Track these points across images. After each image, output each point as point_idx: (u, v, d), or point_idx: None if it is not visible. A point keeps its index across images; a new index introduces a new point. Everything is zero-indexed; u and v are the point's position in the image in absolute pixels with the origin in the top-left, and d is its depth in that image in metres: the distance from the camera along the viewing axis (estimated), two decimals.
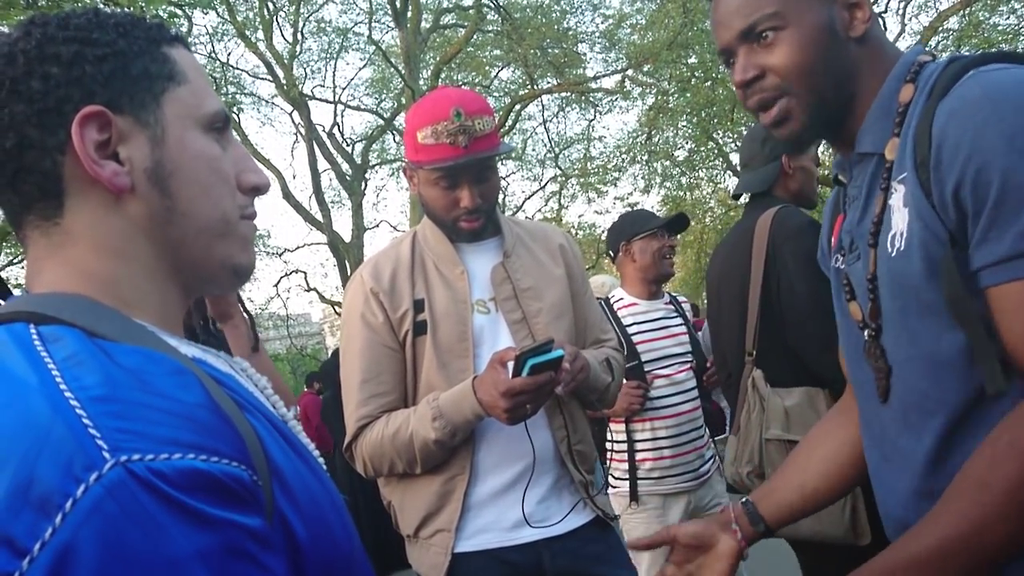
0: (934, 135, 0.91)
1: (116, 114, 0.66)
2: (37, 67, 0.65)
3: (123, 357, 0.59)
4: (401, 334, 1.67)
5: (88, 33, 0.67)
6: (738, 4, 1.04)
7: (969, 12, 13.56)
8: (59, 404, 0.54)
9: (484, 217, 1.68)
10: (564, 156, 18.63)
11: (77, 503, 0.49)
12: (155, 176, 0.68)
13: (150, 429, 0.54)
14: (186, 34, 11.87)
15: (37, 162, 0.65)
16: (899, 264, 0.96)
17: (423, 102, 1.67)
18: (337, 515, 0.69)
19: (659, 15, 13.96)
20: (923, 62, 1.02)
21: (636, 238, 2.87)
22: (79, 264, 0.67)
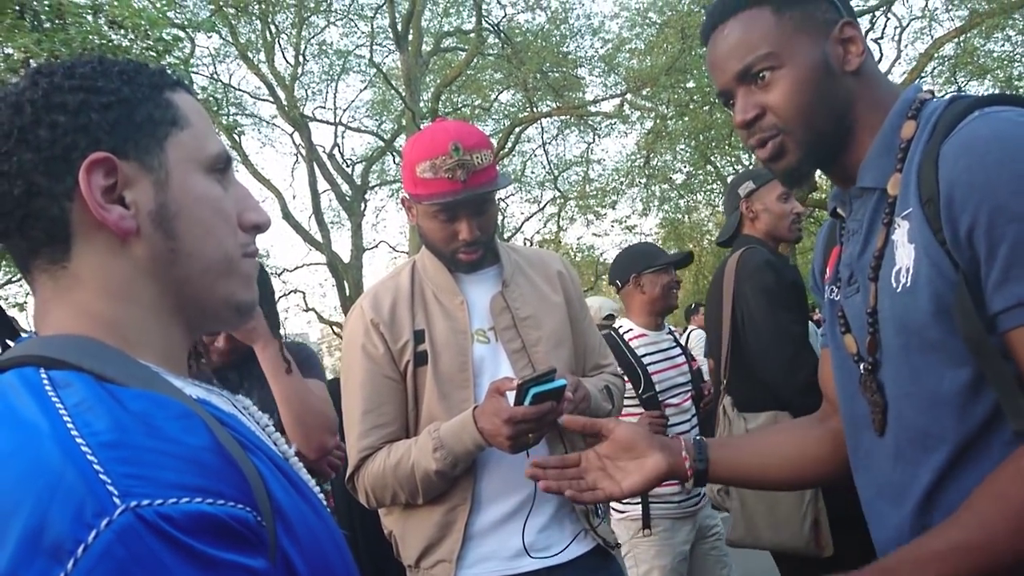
0: (941, 173, 0.92)
1: (121, 159, 0.68)
2: (44, 116, 0.67)
3: (131, 402, 0.60)
4: (402, 365, 1.67)
5: (93, 81, 0.69)
6: (733, 46, 1.06)
7: (964, 39, 13.70)
8: (71, 450, 0.55)
9: (483, 248, 1.69)
10: (563, 178, 18.74)
11: (88, 549, 0.51)
12: (159, 219, 0.70)
13: (158, 474, 0.55)
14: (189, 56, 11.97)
15: (45, 208, 0.67)
16: (904, 300, 0.96)
17: (421, 136, 1.68)
18: (337, 551, 0.70)
19: (658, 40, 14.11)
20: (924, 99, 1.03)
21: (647, 271, 2.98)
22: (85, 306, 0.68)
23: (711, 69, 1.11)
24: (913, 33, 16.04)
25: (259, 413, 0.79)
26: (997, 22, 12.86)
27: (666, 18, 14.23)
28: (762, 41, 1.03)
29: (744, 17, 1.05)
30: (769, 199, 2.54)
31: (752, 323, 2.34)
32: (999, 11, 12.41)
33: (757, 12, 1.04)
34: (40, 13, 6.64)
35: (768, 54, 1.03)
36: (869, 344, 1.03)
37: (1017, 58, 13.88)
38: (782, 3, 1.03)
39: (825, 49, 1.03)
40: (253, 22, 15.55)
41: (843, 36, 1.04)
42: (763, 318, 2.30)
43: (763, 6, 1.04)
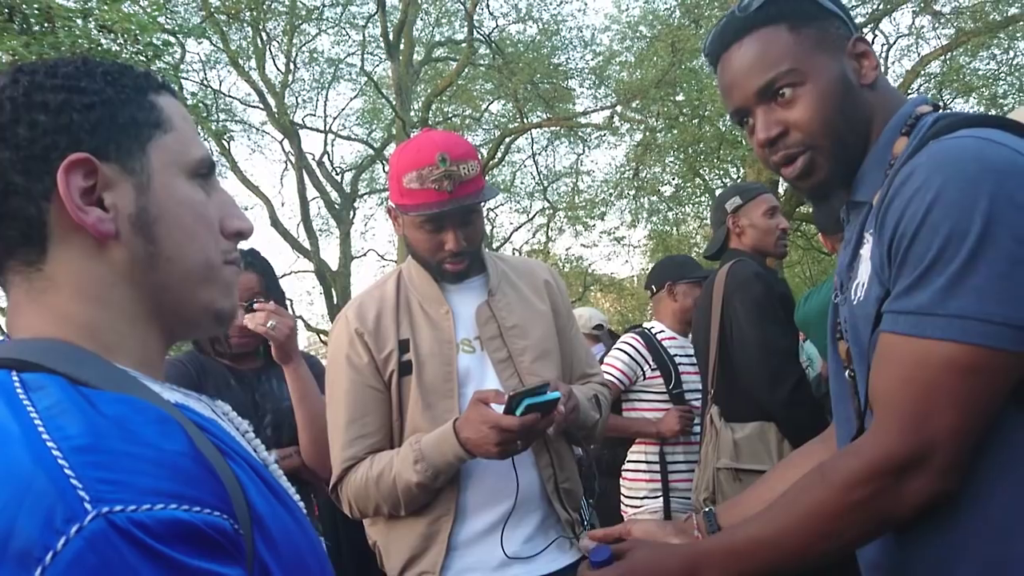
0: (891, 192, 0.94)
1: (102, 161, 0.67)
2: (24, 114, 0.65)
3: (106, 406, 0.59)
4: (386, 375, 1.67)
5: (76, 81, 0.68)
6: (752, 63, 1.04)
7: (950, 57, 13.85)
8: (41, 454, 0.54)
9: (469, 259, 1.69)
10: (552, 189, 18.74)
11: (57, 556, 0.49)
12: (139, 222, 0.69)
13: (132, 479, 0.54)
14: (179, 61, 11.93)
15: (22, 208, 0.65)
16: (856, 313, 1.00)
17: (408, 146, 1.68)
18: (316, 560, 0.69)
19: (648, 54, 14.17)
20: (920, 114, 1.04)
21: (681, 282, 3.11)
22: (60, 310, 0.67)
23: (725, 88, 1.09)
24: (900, 50, 16.25)
25: (239, 419, 0.78)
26: (982, 40, 13.01)
27: (656, 32, 14.30)
28: (783, 57, 1.02)
29: (761, 35, 1.04)
30: (755, 214, 2.56)
31: (740, 334, 2.36)
32: (984, 30, 12.55)
33: (774, 30, 1.03)
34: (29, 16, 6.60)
35: (791, 70, 1.02)
36: (846, 352, 1.06)
37: (1002, 76, 14.04)
38: (798, 20, 1.03)
39: (842, 64, 1.03)
40: (244, 29, 15.53)
41: (857, 51, 1.05)
42: (750, 330, 2.33)
43: (779, 24, 1.04)
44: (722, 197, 2.71)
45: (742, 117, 1.09)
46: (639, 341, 3.07)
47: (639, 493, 2.98)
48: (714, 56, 1.10)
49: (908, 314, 0.88)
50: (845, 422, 1.11)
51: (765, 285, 2.38)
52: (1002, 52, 13.98)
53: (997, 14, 12.73)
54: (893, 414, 0.90)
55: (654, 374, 3.02)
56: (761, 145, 1.06)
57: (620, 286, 20.35)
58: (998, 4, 12.71)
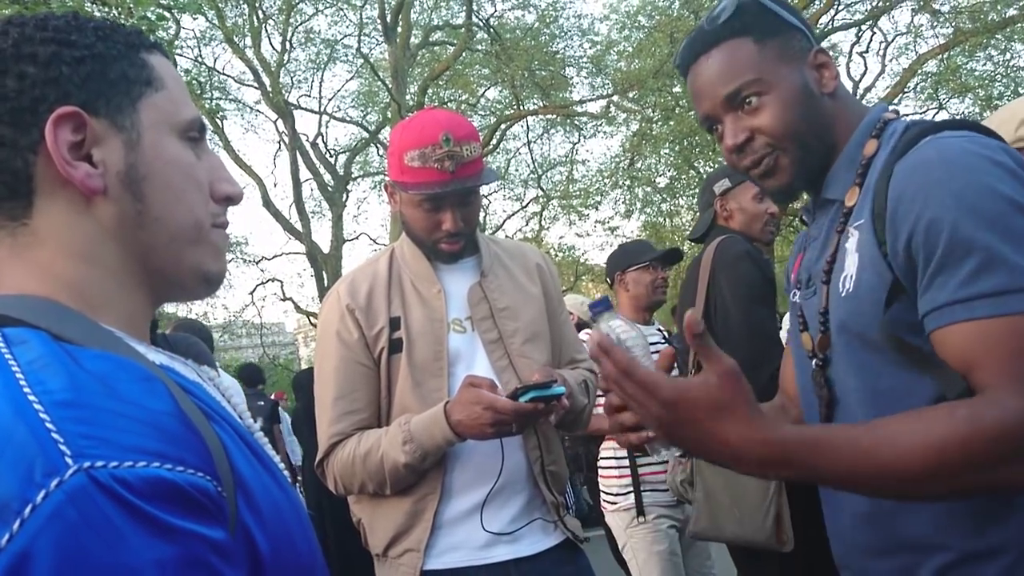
0: (891, 191, 0.99)
1: (92, 116, 0.66)
2: (13, 66, 0.64)
3: (90, 362, 0.58)
4: (376, 352, 1.66)
5: (67, 35, 0.67)
6: (718, 73, 1.11)
7: (947, 57, 13.88)
8: (22, 408, 0.53)
9: (465, 240, 1.69)
10: (547, 177, 18.73)
11: (36, 509, 0.48)
12: (128, 180, 0.68)
13: (115, 436, 0.53)
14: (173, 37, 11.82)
15: (8, 161, 0.64)
16: (848, 304, 1.04)
17: (411, 123, 1.67)
18: (301, 528, 0.68)
19: (646, 44, 14.16)
20: (888, 119, 1.11)
21: (630, 269, 3.06)
22: (45, 266, 0.66)
23: (695, 96, 1.16)
24: (898, 48, 16.27)
25: (224, 384, 0.77)
26: (980, 41, 13.05)
27: (655, 22, 14.28)
28: (748, 68, 1.09)
29: (727, 47, 1.10)
30: (744, 198, 2.52)
31: (724, 314, 2.31)
32: (982, 30, 12.59)
33: (739, 42, 1.10)
34: None
35: (755, 80, 1.08)
36: (820, 342, 1.10)
37: (998, 78, 14.08)
38: (762, 33, 1.10)
39: (803, 73, 1.10)
40: (240, 6, 15.41)
41: (817, 62, 1.12)
42: (736, 310, 2.27)
43: (744, 36, 1.10)
44: (711, 179, 2.67)
45: (711, 124, 1.15)
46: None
47: (613, 489, 2.96)
48: (684, 67, 1.17)
49: (986, 297, 0.90)
50: (810, 410, 1.15)
51: (754, 264, 2.33)
52: (999, 53, 14.03)
53: (995, 15, 12.76)
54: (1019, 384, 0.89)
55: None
56: (729, 151, 1.13)
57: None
58: (997, 5, 12.74)
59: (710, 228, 2.58)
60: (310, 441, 5.19)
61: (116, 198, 0.67)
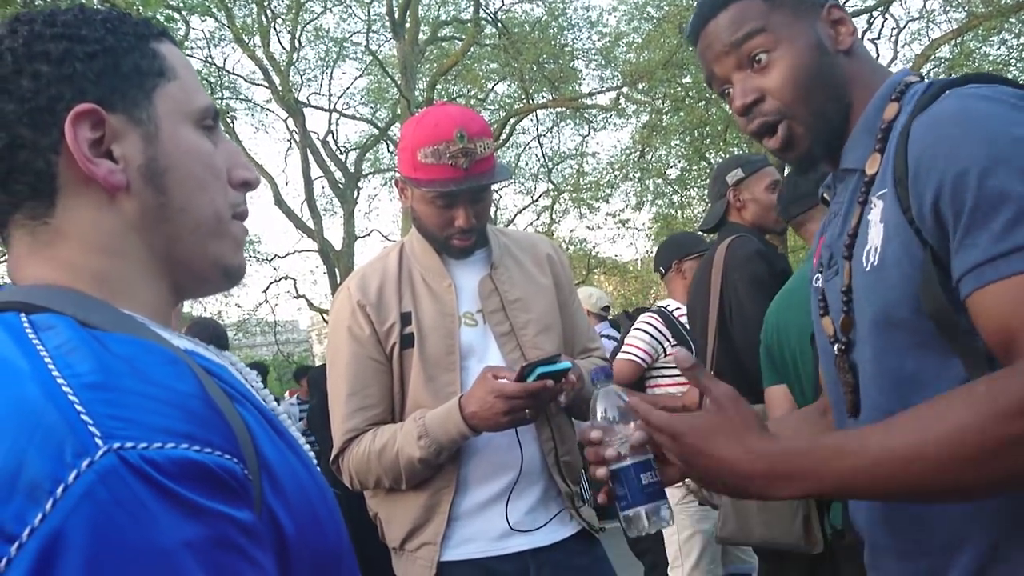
0: (910, 151, 0.92)
1: (109, 112, 0.66)
2: (26, 65, 0.64)
3: (117, 345, 0.58)
4: (388, 347, 1.66)
5: (77, 30, 0.66)
6: (726, 27, 1.05)
7: (961, 41, 13.73)
8: (52, 390, 0.53)
9: (476, 235, 1.69)
10: (557, 171, 18.69)
11: (68, 489, 0.49)
12: (149, 173, 0.68)
13: (144, 417, 0.53)
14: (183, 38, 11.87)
15: (30, 162, 0.64)
16: (871, 279, 0.96)
17: (425, 119, 1.66)
18: (327, 509, 0.68)
19: (655, 35, 14.07)
20: (909, 82, 1.03)
21: (688, 258, 3.16)
22: (67, 260, 0.66)
23: (703, 59, 1.11)
24: (910, 34, 16.05)
25: (247, 369, 0.77)
26: (994, 25, 12.89)
27: (664, 13, 14.19)
28: (755, 19, 1.03)
29: (736, 7, 1.05)
30: (758, 188, 2.51)
31: (740, 313, 2.32)
32: (996, 14, 12.43)
33: (748, 3, 1.04)
34: None
35: (761, 29, 1.02)
36: (843, 323, 1.03)
37: (1012, 62, 13.92)
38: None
39: (817, 30, 1.04)
40: (249, 5, 15.44)
41: (832, 17, 1.06)
42: (751, 308, 2.27)
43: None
44: (723, 168, 2.64)
45: (722, 87, 1.09)
46: (657, 319, 3.15)
47: None
48: (694, 35, 1.11)
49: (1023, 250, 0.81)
50: (836, 397, 1.09)
51: (767, 262, 2.33)
52: (1013, 37, 13.86)
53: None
54: None
55: (674, 350, 3.02)
56: (739, 113, 1.07)
57: (624, 269, 20.34)
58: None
59: (721, 219, 2.57)
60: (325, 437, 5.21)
61: (138, 192, 0.68)
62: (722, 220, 2.58)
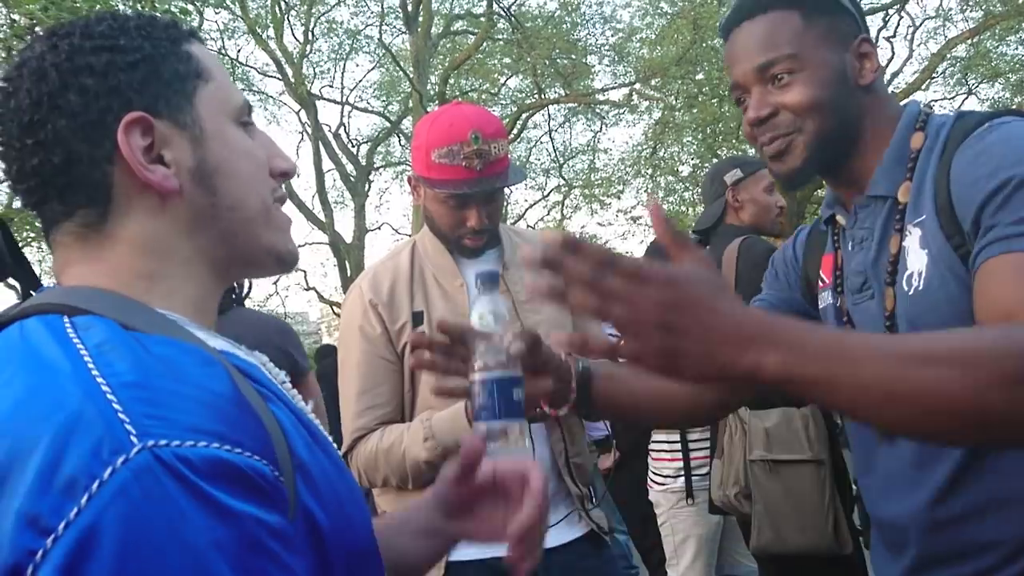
0: (953, 181, 0.96)
1: (155, 118, 0.68)
2: (72, 80, 0.65)
3: (155, 346, 0.60)
4: (399, 346, 1.67)
5: (115, 40, 0.68)
6: (758, 41, 1.07)
7: (977, 41, 13.61)
8: (90, 389, 0.54)
9: (488, 235, 1.69)
10: (568, 166, 18.66)
11: (103, 485, 0.50)
12: (199, 175, 0.70)
13: (178, 416, 0.54)
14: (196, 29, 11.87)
15: (87, 175, 0.66)
16: (917, 302, 1.00)
17: (440, 119, 1.66)
18: (358, 510, 0.69)
19: (669, 31, 14.02)
20: (928, 112, 1.08)
21: None
22: (114, 264, 0.68)
23: (730, 60, 1.12)
24: (926, 33, 15.93)
25: (276, 369, 0.78)
26: (1011, 25, 12.77)
27: (678, 9, 14.13)
28: (787, 43, 1.05)
29: (773, 17, 1.06)
30: (756, 189, 2.48)
31: None
32: (1013, 14, 12.32)
33: (787, 15, 1.06)
34: None
35: (791, 55, 1.04)
36: None
37: None
38: (811, 10, 1.06)
39: (844, 60, 1.06)
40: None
41: (861, 51, 1.08)
42: None
43: (793, 10, 1.06)
44: (719, 169, 2.61)
45: (740, 94, 1.12)
46: None
47: (664, 471, 3.01)
48: (727, 30, 1.13)
49: None
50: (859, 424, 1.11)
51: None
52: None
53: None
54: None
55: None
56: (751, 123, 1.09)
57: None
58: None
59: (718, 221, 2.54)
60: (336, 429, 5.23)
61: (190, 194, 0.69)
62: (718, 221, 2.55)
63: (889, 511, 1.10)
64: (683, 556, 2.87)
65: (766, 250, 2.32)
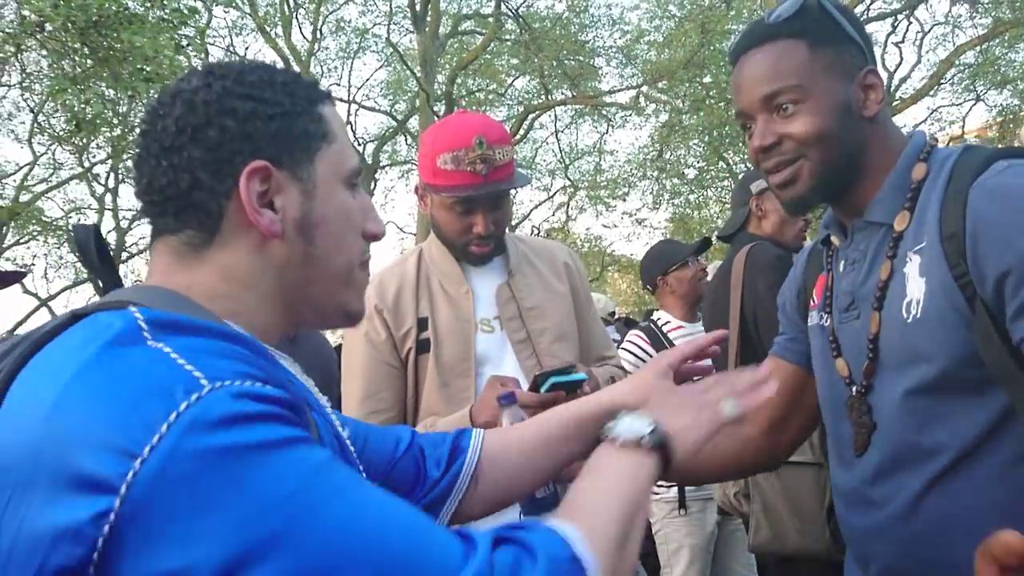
0: (969, 212, 0.97)
1: (276, 168, 0.74)
2: (216, 118, 0.73)
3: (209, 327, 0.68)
4: (403, 352, 1.68)
5: (261, 92, 0.75)
6: (763, 71, 1.09)
7: (986, 48, 13.58)
8: (159, 356, 0.62)
9: (494, 242, 1.70)
10: (574, 167, 18.66)
11: (180, 416, 0.57)
12: (302, 225, 0.76)
13: (237, 367, 0.63)
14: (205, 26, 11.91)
15: (205, 202, 0.73)
16: (914, 330, 1.01)
17: (444, 126, 1.68)
18: None
19: (677, 33, 14.01)
20: (933, 144, 1.10)
21: (671, 271, 3.13)
22: (195, 279, 0.75)
23: (736, 88, 1.14)
24: (935, 39, 15.94)
25: (308, 380, 0.84)
26: (1020, 32, 12.74)
27: (687, 12, 14.13)
28: (793, 73, 1.06)
29: (780, 46, 1.08)
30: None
31: (769, 319, 2.26)
32: (1023, 21, 12.29)
33: (793, 44, 1.07)
34: None
35: (796, 86, 1.06)
36: (867, 368, 1.08)
37: None
38: (817, 40, 1.07)
39: (849, 91, 1.07)
40: None
41: (866, 82, 1.09)
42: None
43: (799, 39, 1.07)
44: (748, 177, 2.64)
45: (745, 121, 1.14)
46: (643, 339, 3.12)
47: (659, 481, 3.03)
48: (735, 56, 1.15)
49: None
50: (840, 438, 1.14)
51: (788, 268, 2.32)
52: None
53: None
54: None
55: None
56: (755, 151, 1.11)
57: (638, 267, 20.30)
58: None
59: (740, 228, 2.56)
60: None
61: (290, 240, 0.76)
62: (741, 228, 2.57)
63: (857, 524, 1.12)
64: (676, 565, 2.91)
65: (773, 257, 2.32)
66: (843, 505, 1.17)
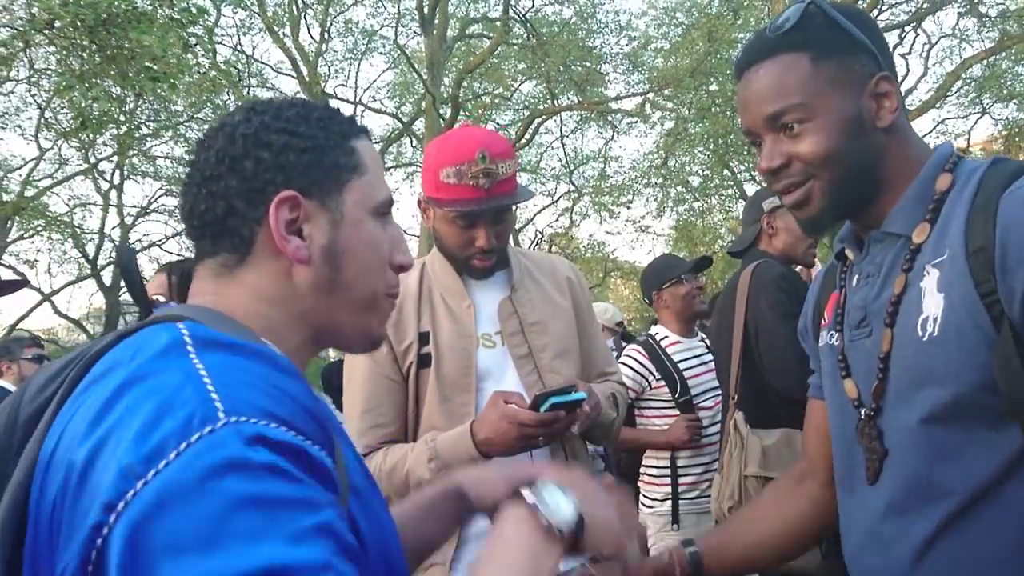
0: (1000, 224, 0.91)
1: (306, 198, 0.78)
2: (252, 150, 0.77)
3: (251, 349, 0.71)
4: (404, 366, 1.67)
5: (296, 126, 0.79)
6: (765, 89, 1.03)
7: (992, 61, 13.58)
8: (191, 375, 0.65)
9: (497, 256, 1.69)
10: (579, 173, 18.67)
11: (190, 446, 0.59)
12: (329, 253, 0.79)
13: (264, 403, 0.64)
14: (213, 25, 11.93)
15: (237, 228, 0.78)
16: (929, 351, 0.95)
17: (447, 140, 1.67)
18: (396, 547, 0.79)
19: (684, 41, 14.03)
20: (959, 156, 1.04)
21: (665, 286, 3.14)
22: (233, 298, 0.79)
23: (740, 106, 1.09)
24: (942, 51, 15.94)
25: (339, 414, 0.86)
26: None
27: (694, 20, 14.14)
28: (796, 90, 1.01)
29: (781, 61, 1.02)
30: (791, 219, 2.47)
31: (768, 336, 2.27)
32: None
33: (795, 58, 1.01)
34: None
35: (800, 104, 1.00)
36: (876, 389, 1.01)
37: None
38: (821, 51, 1.01)
39: (859, 103, 1.01)
40: None
41: (878, 90, 1.02)
42: (780, 331, 2.22)
43: (802, 52, 1.01)
44: (761, 195, 2.62)
45: (753, 137, 1.09)
46: (642, 353, 3.12)
47: (655, 495, 3.06)
48: (738, 72, 1.09)
49: None
50: (849, 462, 1.09)
51: (792, 286, 2.31)
52: None
53: None
54: None
55: (659, 384, 3.07)
56: (764, 172, 1.07)
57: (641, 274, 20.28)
58: None
59: (750, 245, 2.56)
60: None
61: (316, 267, 0.79)
62: (751, 245, 2.57)
63: (867, 565, 1.07)
64: None
65: (776, 275, 2.32)
66: (849, 538, 1.11)
